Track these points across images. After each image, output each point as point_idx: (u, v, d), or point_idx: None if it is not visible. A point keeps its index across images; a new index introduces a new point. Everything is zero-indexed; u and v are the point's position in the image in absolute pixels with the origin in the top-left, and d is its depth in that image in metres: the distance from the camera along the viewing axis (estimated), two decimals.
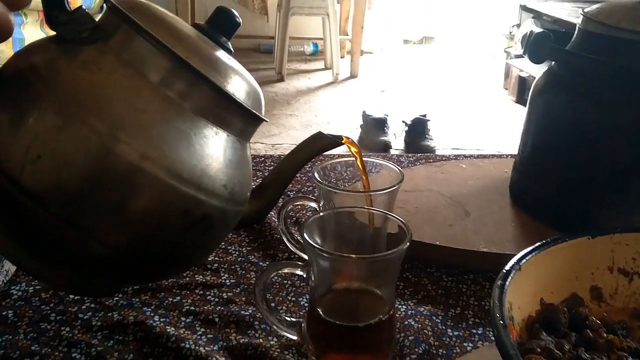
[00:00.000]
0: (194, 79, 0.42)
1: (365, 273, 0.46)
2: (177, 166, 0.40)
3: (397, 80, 3.83)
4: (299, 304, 0.56)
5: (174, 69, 0.42)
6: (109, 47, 0.42)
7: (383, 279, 0.45)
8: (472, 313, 0.55)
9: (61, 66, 0.41)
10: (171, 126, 0.41)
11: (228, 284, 0.59)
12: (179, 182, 0.40)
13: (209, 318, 0.54)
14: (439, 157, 0.87)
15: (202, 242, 0.45)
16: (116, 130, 0.39)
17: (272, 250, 0.64)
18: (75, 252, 0.41)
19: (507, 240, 0.62)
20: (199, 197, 0.41)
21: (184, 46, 0.43)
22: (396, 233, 0.48)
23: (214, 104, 0.43)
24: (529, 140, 0.68)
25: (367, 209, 0.51)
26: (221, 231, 0.47)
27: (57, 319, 0.53)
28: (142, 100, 0.41)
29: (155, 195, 0.40)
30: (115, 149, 0.38)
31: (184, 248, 0.44)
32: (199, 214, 0.42)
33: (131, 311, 0.54)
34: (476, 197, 0.71)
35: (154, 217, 0.41)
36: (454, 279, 0.60)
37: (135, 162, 0.39)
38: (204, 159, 0.42)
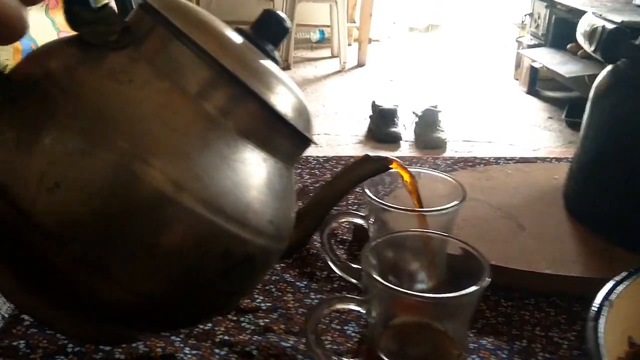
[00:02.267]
0: (242, 94, 0.36)
1: (437, 311, 0.40)
2: (219, 199, 0.34)
3: (405, 69, 3.75)
4: (345, 334, 0.50)
5: (218, 81, 0.35)
6: (141, 53, 0.35)
7: (456, 318, 0.39)
8: (540, 346, 0.49)
9: (85, 75, 0.34)
10: (213, 151, 0.34)
11: (264, 307, 0.53)
12: (221, 218, 0.34)
13: (245, 350, 0.48)
14: (479, 160, 0.81)
15: (239, 288, 0.39)
16: (149, 155, 0.32)
17: (309, 268, 0.58)
18: (96, 299, 0.34)
19: (571, 260, 0.56)
20: (243, 236, 0.35)
21: (230, 55, 0.36)
22: (459, 255, 0.42)
23: (263, 125, 0.37)
24: (590, 147, 0.62)
25: (436, 233, 0.45)
26: (261, 274, 0.41)
27: (75, 351, 0.47)
28: (180, 119, 0.34)
29: (192, 233, 0.33)
30: (147, 178, 0.32)
31: (219, 294, 0.37)
32: (241, 256, 0.36)
33: (158, 341, 0.48)
34: (528, 208, 0.65)
35: (190, 260, 0.34)
36: (513, 304, 0.54)
37: (171, 194, 0.32)
38: (250, 190, 0.35)
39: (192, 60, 0.35)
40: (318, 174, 0.77)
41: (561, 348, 0.49)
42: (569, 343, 0.49)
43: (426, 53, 4.18)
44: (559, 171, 0.73)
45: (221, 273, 0.35)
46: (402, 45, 4.37)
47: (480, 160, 0.81)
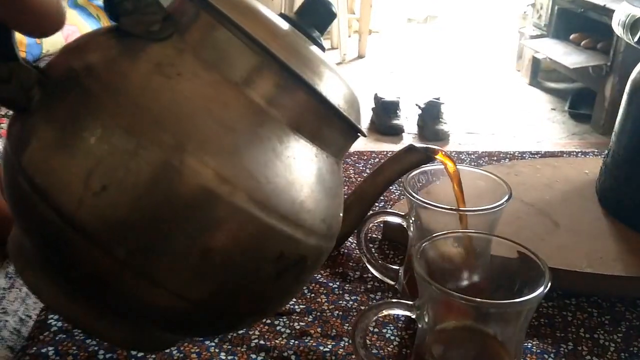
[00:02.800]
0: (292, 84, 0.34)
1: (493, 317, 0.38)
2: (272, 198, 0.32)
3: (405, 61, 3.72)
4: (384, 337, 0.48)
5: (268, 70, 0.33)
6: (186, 43, 0.33)
7: (513, 325, 0.37)
8: (587, 349, 0.47)
9: (128, 68, 0.32)
10: (265, 147, 0.32)
11: (298, 310, 0.51)
12: (275, 218, 0.32)
13: (283, 355, 0.46)
14: (503, 155, 0.79)
15: (290, 290, 0.37)
16: (199, 153, 0.30)
17: (341, 268, 0.56)
18: (142, 305, 0.33)
19: (612, 259, 0.55)
20: (296, 237, 0.33)
21: (279, 42, 0.34)
22: (513, 258, 0.40)
23: (314, 117, 0.35)
24: (627, 141, 0.60)
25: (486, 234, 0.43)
26: (311, 274, 0.38)
27: (106, 358, 0.45)
28: (230, 113, 0.32)
29: (245, 236, 0.31)
30: (198, 177, 0.30)
31: (270, 297, 0.36)
32: (294, 257, 0.34)
33: (192, 346, 0.46)
34: (562, 205, 0.63)
35: (242, 263, 0.32)
36: (554, 304, 0.52)
37: (223, 194, 0.30)
38: (303, 188, 0.33)
39: (239, 49, 0.33)
40: None
41: (609, 350, 0.47)
42: (616, 345, 0.48)
43: (426, 44, 4.15)
44: (588, 165, 0.72)
45: (274, 276, 0.33)
46: (401, 37, 4.34)
47: (505, 154, 0.79)
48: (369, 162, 0.77)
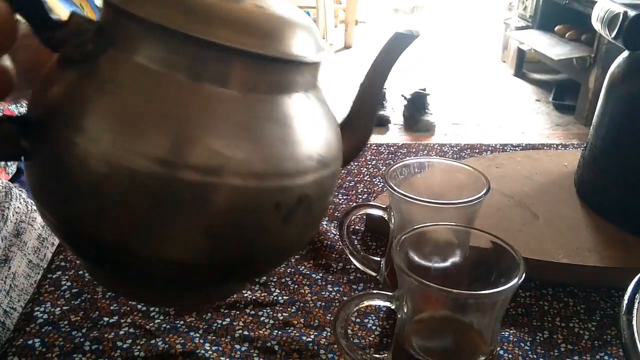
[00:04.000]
0: (226, 56, 0.33)
1: (471, 307, 0.39)
2: (248, 166, 0.33)
3: None
4: (365, 327, 0.49)
5: (198, 53, 0.33)
6: (121, 52, 0.33)
7: (490, 315, 0.38)
8: (562, 338, 0.49)
9: (85, 97, 0.32)
10: (225, 122, 0.33)
11: (281, 301, 0.52)
12: (259, 180, 0.33)
13: (267, 346, 0.47)
14: (485, 147, 0.80)
15: (307, 222, 0.38)
16: (169, 154, 0.31)
17: (324, 260, 0.57)
18: (168, 280, 0.36)
19: (588, 250, 0.56)
20: (285, 185, 0.35)
21: (195, 19, 0.33)
22: (490, 249, 0.41)
23: (259, 74, 0.34)
24: (604, 134, 0.61)
25: (464, 226, 0.44)
26: (325, 200, 0.40)
27: (92, 349, 0.45)
28: (182, 104, 0.32)
29: (240, 206, 0.33)
30: (185, 178, 0.31)
31: (289, 238, 0.37)
32: (293, 200, 0.35)
33: (177, 337, 0.47)
34: (541, 196, 0.65)
35: (247, 225, 0.34)
36: (531, 294, 0.54)
37: (208, 181, 0.32)
38: (280, 141, 0.34)
39: (165, 42, 0.33)
40: None
41: (583, 339, 0.49)
42: (590, 334, 0.49)
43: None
44: (568, 158, 0.73)
45: (281, 222, 0.35)
46: (388, 27, 4.35)
47: (487, 147, 0.81)
48: None
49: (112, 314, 0.49)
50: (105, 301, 0.50)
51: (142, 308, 0.50)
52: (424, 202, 0.46)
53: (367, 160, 0.77)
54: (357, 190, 0.70)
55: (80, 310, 0.49)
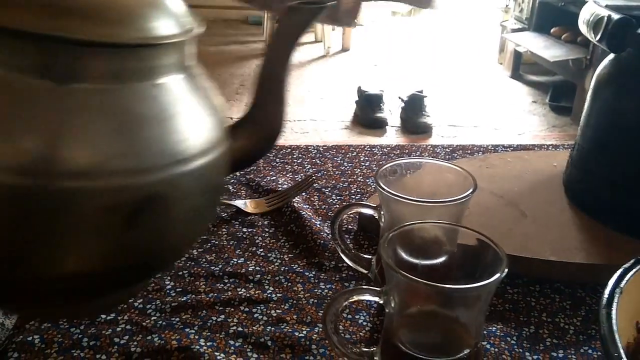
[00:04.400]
0: (37, 45, 0.31)
1: (455, 301, 0.41)
2: (76, 166, 0.31)
3: (389, 54, 3.75)
4: (357, 323, 0.51)
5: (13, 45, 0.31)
6: None
7: (474, 308, 0.40)
8: (548, 332, 0.50)
9: None
10: (41, 119, 0.31)
11: (275, 298, 0.53)
12: (85, 181, 0.31)
13: (260, 341, 0.48)
14: (477, 148, 0.82)
15: (172, 222, 0.35)
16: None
17: (317, 258, 0.58)
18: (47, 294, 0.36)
19: (575, 247, 0.57)
20: (124, 184, 0.32)
21: (42, 11, 0.31)
22: (477, 246, 0.43)
23: (79, 60, 0.31)
24: (591, 135, 0.63)
25: (450, 224, 0.45)
26: (195, 197, 0.36)
27: (90, 345, 0.47)
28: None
29: (64, 209, 0.31)
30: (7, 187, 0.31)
31: (141, 244, 0.35)
32: (132, 202, 0.32)
33: (173, 334, 0.48)
34: (530, 196, 0.66)
35: (86, 231, 0.32)
36: (519, 290, 0.55)
37: (23, 183, 0.31)
38: (109, 138, 0.32)
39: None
40: (319, 163, 0.77)
41: (568, 333, 0.50)
42: (575, 328, 0.51)
43: (409, 37, 4.18)
44: (557, 158, 0.75)
45: (125, 223, 0.33)
46: (385, 30, 4.37)
47: (478, 147, 0.82)
48: (346, 156, 0.79)
49: (110, 311, 0.50)
50: None
51: (139, 305, 0.51)
52: (411, 200, 0.47)
53: (360, 162, 0.78)
54: (351, 190, 0.71)
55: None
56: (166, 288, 0.53)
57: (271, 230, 0.63)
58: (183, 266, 0.56)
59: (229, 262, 0.57)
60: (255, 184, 0.71)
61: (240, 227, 0.63)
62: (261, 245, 0.60)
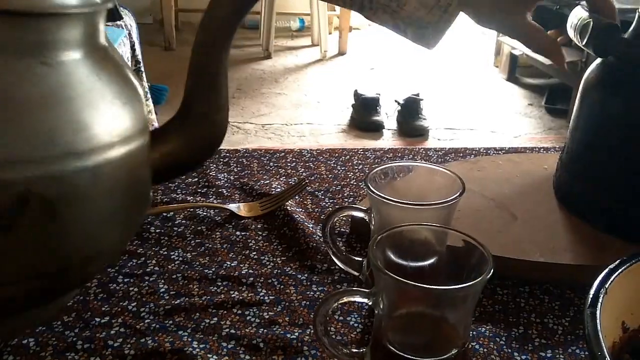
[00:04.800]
0: None
1: (442, 302, 0.41)
2: None
3: (386, 57, 3.76)
4: (348, 325, 0.51)
5: None
6: None
7: (461, 308, 0.40)
8: (537, 333, 0.51)
9: None
10: None
11: (267, 301, 0.54)
12: None
13: (252, 343, 0.49)
14: (469, 151, 0.83)
15: (69, 229, 0.30)
16: None
17: (310, 261, 0.59)
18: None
19: (564, 249, 0.58)
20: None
21: None
22: (461, 247, 0.43)
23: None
24: (580, 138, 0.64)
25: (439, 226, 0.46)
26: (98, 201, 0.31)
27: (84, 348, 0.47)
28: None
29: None
30: None
31: (30, 247, 0.30)
32: (11, 200, 0.27)
33: (166, 336, 0.49)
34: (520, 198, 0.67)
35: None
36: (509, 291, 0.56)
37: None
38: None
39: None
40: (312, 166, 0.78)
41: (556, 334, 0.51)
42: (563, 329, 0.51)
43: (406, 41, 4.19)
44: (548, 161, 0.76)
45: (4, 229, 0.28)
46: (382, 33, 4.38)
47: (470, 150, 0.83)
48: (340, 160, 0.80)
49: (104, 314, 0.51)
50: (97, 302, 0.52)
51: (133, 309, 0.52)
52: (400, 203, 0.48)
53: (353, 165, 0.79)
54: (344, 194, 0.72)
55: (72, 311, 0.51)
56: (160, 291, 0.54)
57: (264, 234, 0.63)
58: (177, 269, 0.57)
59: (222, 265, 0.58)
60: (248, 187, 0.72)
61: (233, 230, 0.64)
62: (254, 249, 0.61)
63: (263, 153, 0.81)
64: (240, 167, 0.77)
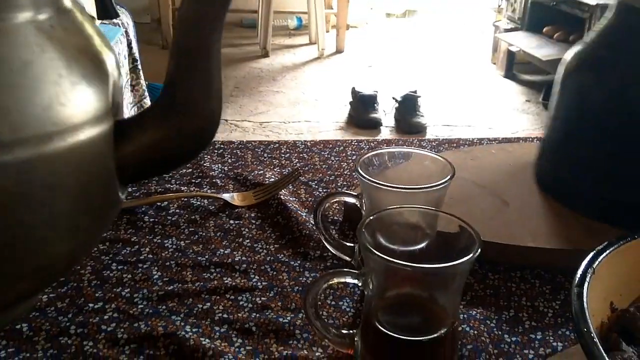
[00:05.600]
0: None
1: (431, 282, 0.42)
2: None
3: (383, 55, 3.77)
4: (340, 309, 0.52)
5: None
6: None
7: (448, 288, 0.41)
8: (527, 315, 0.51)
9: None
10: None
11: (260, 287, 0.54)
12: None
13: (245, 327, 0.49)
14: (463, 142, 0.83)
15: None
16: None
17: (302, 248, 0.59)
18: None
19: (555, 234, 0.59)
20: None
21: None
22: (451, 232, 0.44)
23: None
24: (560, 126, 0.64)
25: (427, 208, 0.46)
26: (41, 199, 0.27)
27: (77, 332, 0.48)
28: None
29: None
30: None
31: None
32: None
33: (159, 321, 0.49)
34: (512, 186, 0.67)
35: None
36: (500, 276, 0.56)
37: None
38: None
39: None
40: (306, 157, 0.78)
41: (547, 316, 0.51)
42: (554, 312, 0.52)
43: (404, 38, 4.20)
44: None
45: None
46: (380, 31, 4.38)
47: (464, 141, 0.83)
48: (334, 151, 0.80)
49: (97, 300, 0.51)
50: (90, 289, 0.53)
51: (126, 295, 0.52)
52: (390, 187, 0.48)
53: (347, 156, 0.79)
54: (337, 183, 0.72)
55: (66, 298, 0.51)
56: (153, 278, 0.54)
57: (258, 222, 0.64)
58: (170, 257, 0.57)
59: (216, 253, 0.58)
60: (242, 177, 0.72)
61: (227, 219, 0.64)
62: (248, 237, 0.61)
63: (257, 144, 0.82)
64: (234, 158, 0.77)
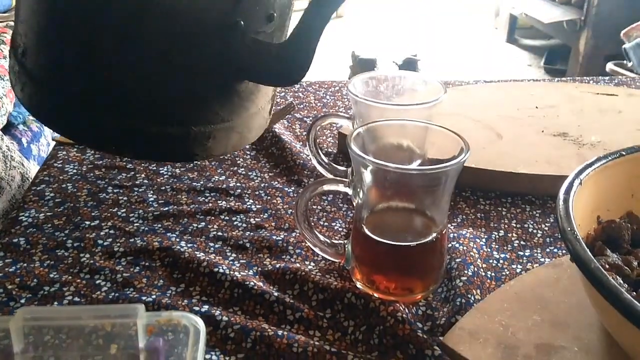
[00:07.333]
0: None
1: (417, 189, 0.42)
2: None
3: (383, 19, 3.73)
4: (333, 229, 0.53)
5: None
6: None
7: (436, 197, 0.41)
8: (516, 236, 0.52)
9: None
10: None
11: (254, 209, 0.55)
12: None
13: (239, 243, 0.50)
14: (459, 83, 0.83)
15: None
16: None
17: (296, 176, 0.60)
18: None
19: (546, 162, 0.59)
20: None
21: None
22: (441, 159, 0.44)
23: None
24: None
25: (415, 120, 0.46)
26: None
27: (74, 246, 0.49)
28: None
29: None
30: None
31: None
32: None
33: (154, 237, 0.50)
34: (506, 120, 0.68)
35: None
36: (491, 202, 0.57)
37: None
38: None
39: None
40: (302, 96, 0.78)
41: (536, 236, 0.52)
42: (542, 232, 0.52)
43: (404, 2, 4.15)
44: (535, 89, 0.76)
45: None
46: None
47: (460, 82, 0.83)
48: (329, 90, 0.81)
49: (94, 218, 0.52)
50: (87, 209, 0.54)
51: (122, 214, 0.53)
52: (381, 103, 0.48)
53: (342, 95, 0.79)
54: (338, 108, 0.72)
55: (63, 216, 0.52)
56: (149, 200, 0.55)
57: (252, 153, 0.64)
58: (165, 182, 0.58)
59: (211, 179, 0.59)
60: None
61: None
62: (242, 165, 0.62)
63: None
64: None
